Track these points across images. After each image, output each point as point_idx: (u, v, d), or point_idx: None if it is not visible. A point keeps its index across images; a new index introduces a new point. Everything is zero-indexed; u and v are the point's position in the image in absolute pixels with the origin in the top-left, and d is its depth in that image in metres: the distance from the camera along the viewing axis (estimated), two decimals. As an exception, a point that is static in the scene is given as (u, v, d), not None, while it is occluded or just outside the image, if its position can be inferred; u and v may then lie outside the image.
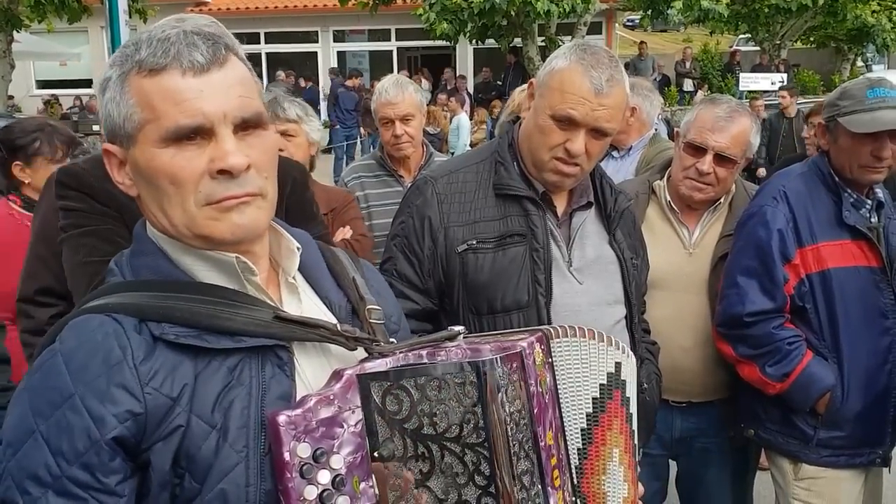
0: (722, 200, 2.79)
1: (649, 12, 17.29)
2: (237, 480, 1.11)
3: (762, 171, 9.38)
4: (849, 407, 2.53)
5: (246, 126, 1.16)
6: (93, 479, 1.06)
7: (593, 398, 1.41)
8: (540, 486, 1.18)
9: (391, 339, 1.35)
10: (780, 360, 2.52)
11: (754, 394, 2.64)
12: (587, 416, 1.40)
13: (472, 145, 12.06)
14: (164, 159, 1.13)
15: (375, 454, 1.16)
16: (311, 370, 1.23)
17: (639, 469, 1.57)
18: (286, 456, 1.08)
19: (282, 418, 1.09)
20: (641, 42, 21.71)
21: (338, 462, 1.12)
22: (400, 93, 3.49)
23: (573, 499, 1.30)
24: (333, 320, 1.29)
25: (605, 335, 1.46)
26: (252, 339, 1.16)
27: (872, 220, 2.58)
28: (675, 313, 2.69)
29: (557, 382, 1.34)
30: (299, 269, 1.31)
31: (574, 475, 1.35)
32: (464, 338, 1.29)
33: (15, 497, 1.06)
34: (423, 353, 1.23)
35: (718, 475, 2.87)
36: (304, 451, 1.10)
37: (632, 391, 1.51)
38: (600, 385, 1.42)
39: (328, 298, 1.34)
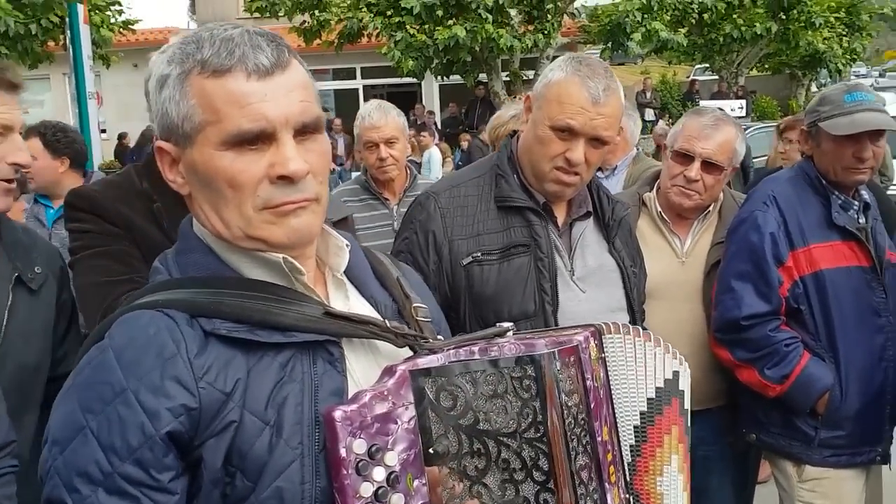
0: (711, 209, 2.83)
1: (609, 45, 17.63)
2: (293, 478, 1.08)
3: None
4: (848, 406, 2.55)
5: (305, 131, 1.15)
6: (146, 475, 1.03)
7: (648, 399, 1.41)
8: (597, 482, 1.17)
9: (439, 337, 1.33)
10: (778, 362, 2.54)
11: (754, 398, 2.66)
12: (641, 414, 1.40)
13: (443, 178, 12.16)
14: (224, 162, 1.11)
15: (430, 451, 1.14)
16: (360, 367, 1.21)
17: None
18: (342, 452, 1.06)
19: (338, 414, 1.06)
20: (608, 75, 22.11)
21: (392, 459, 1.09)
22: (383, 116, 3.51)
23: (626, 495, 1.30)
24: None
25: (661, 340, 1.47)
26: (303, 335, 1.14)
27: (860, 220, 2.63)
28: (671, 322, 2.69)
29: (610, 377, 1.33)
30: (344, 271, 1.29)
31: (626, 472, 1.34)
32: (513, 334, 1.28)
33: (63, 496, 1.02)
34: (475, 349, 1.22)
35: (720, 483, 2.87)
36: (360, 447, 1.07)
37: (689, 405, 1.51)
38: (657, 388, 1.42)
39: (374, 298, 1.33)
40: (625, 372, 1.40)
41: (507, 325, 1.30)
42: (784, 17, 20.01)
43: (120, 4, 16.09)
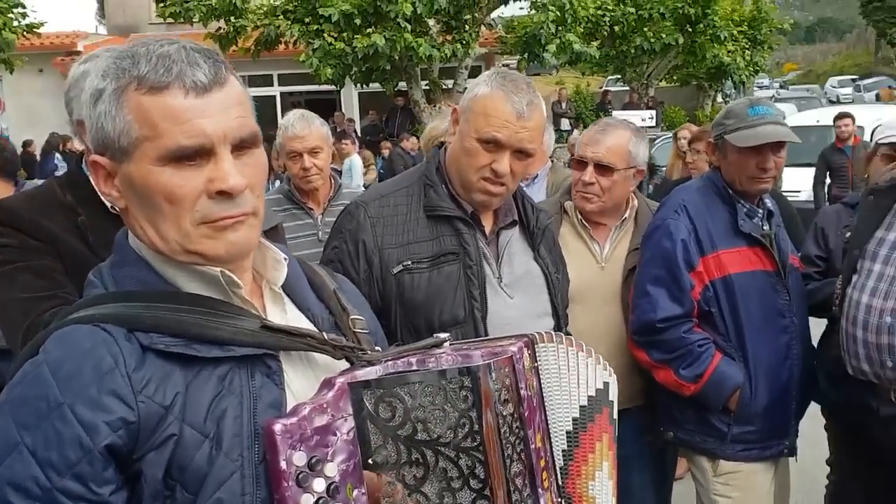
0: (627, 216, 2.95)
1: (525, 55, 17.94)
2: (233, 489, 1.10)
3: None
4: (757, 402, 2.69)
5: (242, 146, 1.16)
6: (86, 489, 1.03)
7: (581, 406, 1.46)
8: (531, 488, 1.21)
9: (376, 348, 1.36)
10: (692, 363, 2.67)
11: (670, 397, 2.77)
12: (574, 420, 1.44)
13: (364, 187, 12.10)
14: (161, 177, 1.12)
15: (369, 461, 1.17)
16: (298, 380, 1.23)
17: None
18: (282, 464, 1.08)
19: (278, 427, 1.08)
20: (525, 85, 22.49)
21: (332, 470, 1.12)
22: (307, 126, 3.51)
23: (559, 500, 1.34)
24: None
25: (592, 351, 1.53)
26: (241, 349, 1.15)
27: (765, 227, 2.79)
28: (592, 325, 2.80)
29: (543, 385, 1.38)
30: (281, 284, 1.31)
31: (559, 476, 1.39)
32: (450, 345, 1.31)
33: None
34: (412, 360, 1.24)
35: (641, 481, 2.97)
36: (300, 459, 1.09)
37: (616, 416, 1.58)
38: (589, 396, 1.48)
39: (310, 311, 1.34)
40: (558, 379, 1.45)
41: (443, 335, 1.33)
42: (691, 30, 20.79)
43: (23, 7, 15.47)
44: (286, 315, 1.30)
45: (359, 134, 19.09)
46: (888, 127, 3.50)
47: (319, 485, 1.10)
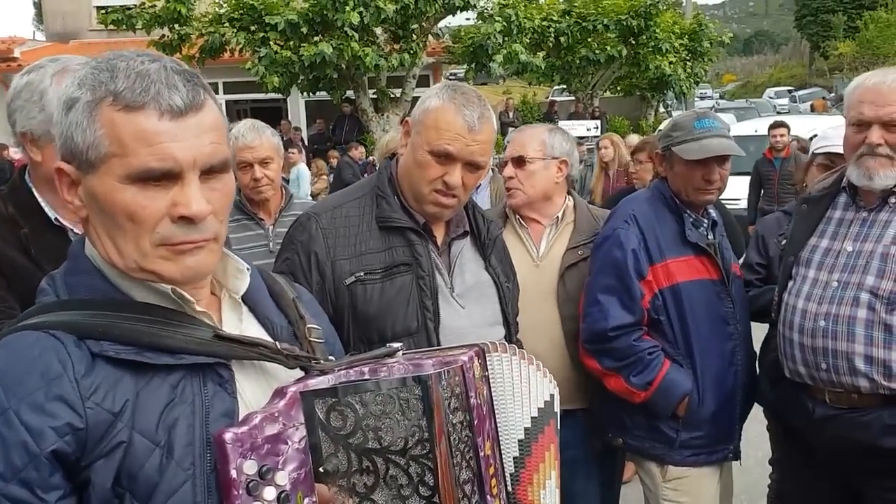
0: (562, 215, 3.04)
1: (473, 65, 18.07)
2: (184, 499, 1.10)
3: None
4: (705, 408, 2.77)
5: (212, 171, 1.16)
6: (31, 495, 1.02)
7: (532, 417, 1.50)
8: (479, 495, 1.24)
9: (330, 357, 1.36)
10: (642, 370, 2.72)
11: (620, 404, 2.82)
12: (525, 430, 1.48)
13: (313, 196, 12.02)
14: (125, 195, 1.11)
15: (320, 469, 1.18)
16: (251, 389, 1.24)
17: None
18: (233, 473, 1.09)
19: (228, 436, 1.09)
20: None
21: (283, 478, 1.13)
22: (258, 136, 3.49)
23: None
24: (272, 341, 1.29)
25: (541, 365, 1.57)
26: (192, 357, 1.15)
27: (710, 237, 2.87)
28: (528, 321, 2.83)
29: (494, 394, 1.41)
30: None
31: (509, 483, 1.41)
32: (402, 354, 1.33)
33: None
34: (365, 369, 1.26)
35: (586, 485, 3.01)
36: (251, 468, 1.10)
37: (559, 426, 1.62)
38: (538, 408, 1.52)
39: (269, 319, 1.35)
40: (511, 388, 1.48)
41: (396, 345, 1.35)
42: (634, 42, 21.20)
43: (-43, 12, 14.99)
44: (241, 325, 1.30)
45: (306, 143, 18.97)
46: (823, 137, 3.62)
47: (270, 493, 1.11)
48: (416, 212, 2.16)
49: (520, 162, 2.97)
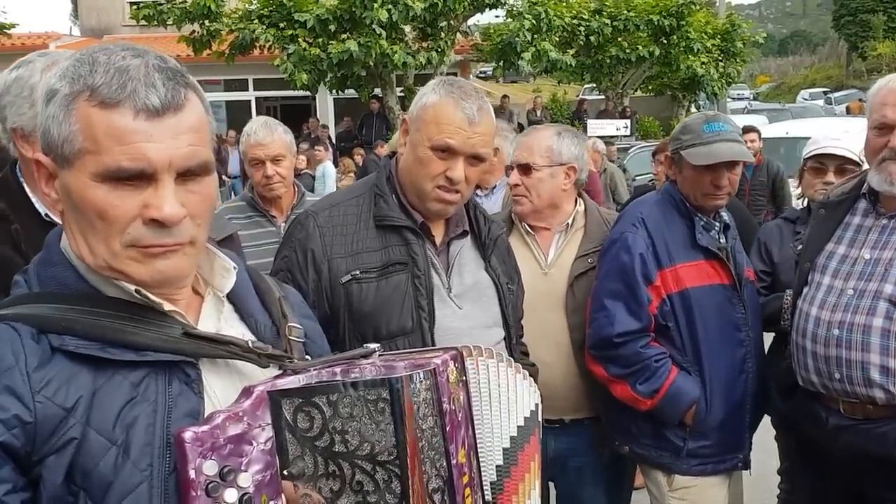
0: (572, 221, 2.96)
1: (501, 63, 18.01)
2: (140, 500, 1.07)
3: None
4: (713, 416, 2.70)
5: (189, 173, 1.13)
6: None
7: (518, 426, 1.46)
8: None
9: (306, 357, 1.34)
10: (649, 378, 2.67)
11: (626, 412, 2.77)
12: (511, 438, 1.44)
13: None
14: (97, 193, 1.09)
15: (285, 472, 1.15)
16: (221, 388, 1.21)
17: None
18: (191, 474, 1.06)
19: (188, 435, 1.06)
20: (504, 96, 22.62)
21: (246, 480, 1.10)
22: (269, 134, 3.49)
23: None
24: (253, 339, 1.28)
25: (526, 374, 1.54)
26: (157, 354, 1.13)
27: (721, 241, 2.80)
28: (536, 330, 2.79)
29: (478, 401, 1.37)
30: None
31: (488, 493, 1.37)
32: (379, 355, 1.30)
33: None
34: (338, 370, 1.23)
35: (593, 493, 2.97)
36: (211, 468, 1.07)
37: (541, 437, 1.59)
38: (525, 417, 1.48)
39: (253, 317, 1.33)
40: (497, 395, 1.44)
41: (373, 345, 1.32)
42: (665, 41, 20.99)
43: (-6, 7, 15.26)
44: (219, 323, 1.28)
45: (333, 140, 19.04)
46: (813, 142, 3.58)
47: (231, 495, 1.08)
48: (415, 210, 2.14)
49: (526, 170, 2.90)
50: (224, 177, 16.02)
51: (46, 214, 1.93)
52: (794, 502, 3.13)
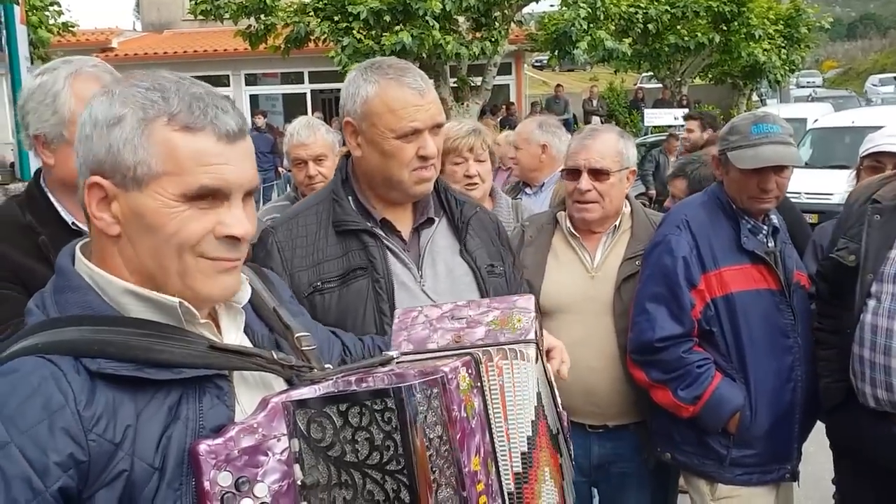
0: (619, 223, 2.89)
1: (556, 52, 17.81)
2: None
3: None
4: (758, 425, 2.62)
5: (248, 195, 1.22)
6: None
7: (531, 421, 1.42)
8: None
9: (327, 366, 1.36)
10: (691, 384, 2.60)
11: (668, 418, 2.71)
12: (528, 439, 1.41)
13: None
14: (175, 212, 1.15)
15: (301, 482, 1.16)
16: (250, 400, 1.23)
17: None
18: (206, 485, 1.08)
19: (202, 448, 1.09)
20: (558, 85, 22.40)
21: (262, 490, 1.12)
22: (312, 134, 3.52)
23: None
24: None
25: (521, 352, 1.46)
26: (191, 370, 1.15)
27: (769, 244, 2.71)
28: (583, 335, 2.75)
29: (491, 407, 1.34)
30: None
31: (507, 500, 1.35)
32: (397, 362, 1.31)
33: None
34: (353, 378, 1.24)
35: (638, 499, 2.92)
36: (225, 479, 1.09)
37: (546, 399, 1.52)
38: (535, 407, 1.43)
39: (251, 327, 1.36)
40: (512, 397, 1.41)
41: (393, 353, 1.33)
42: (726, 28, 20.48)
43: (59, 5, 15.72)
44: (240, 333, 1.32)
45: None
46: (870, 139, 3.42)
47: None
48: (378, 206, 2.08)
49: (600, 175, 2.80)
50: (280, 168, 16.22)
51: (74, 223, 1.94)
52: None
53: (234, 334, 1.30)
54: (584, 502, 3.00)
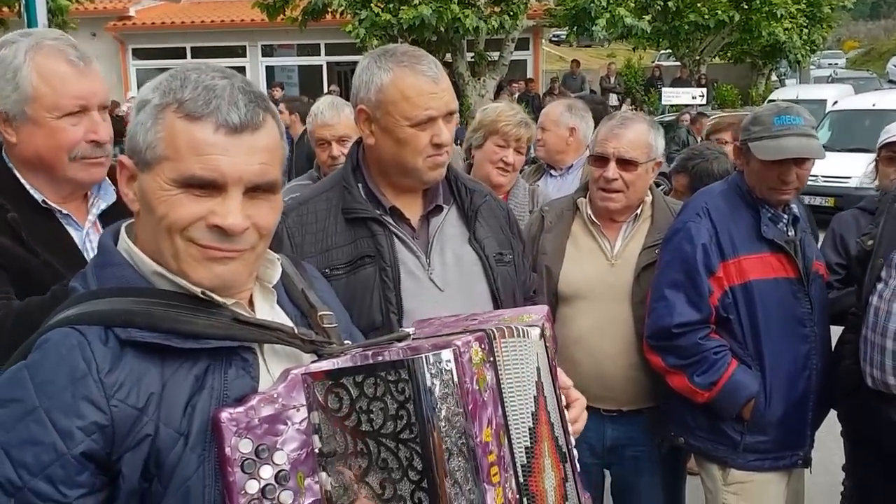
0: (640, 212, 2.91)
1: (575, 28, 17.66)
2: (196, 483, 1.16)
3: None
4: (772, 412, 2.66)
5: (257, 189, 1.23)
6: (55, 491, 1.09)
7: (534, 397, 1.43)
8: (473, 482, 1.21)
9: (346, 342, 1.42)
10: (707, 370, 2.64)
11: (683, 403, 2.75)
12: (532, 415, 1.42)
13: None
14: (169, 195, 1.19)
15: (317, 450, 1.22)
16: (279, 373, 1.28)
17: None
18: (227, 451, 1.14)
19: (224, 415, 1.14)
20: (574, 60, 22.18)
21: (281, 458, 1.17)
22: (336, 114, 3.53)
23: (517, 496, 1.31)
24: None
25: (525, 330, 1.44)
26: (216, 341, 1.21)
27: (789, 233, 2.72)
28: (600, 322, 2.79)
29: (505, 383, 1.34)
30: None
31: (520, 473, 1.37)
32: (413, 338, 1.34)
33: None
34: (369, 353, 1.28)
35: (650, 482, 2.97)
36: (246, 446, 1.15)
37: (544, 374, 1.50)
38: (535, 383, 1.43)
39: (284, 308, 1.41)
40: (518, 376, 1.39)
41: (408, 329, 1.37)
42: (747, 7, 20.22)
43: (77, -27, 15.68)
44: (273, 311, 1.37)
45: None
46: (886, 131, 3.40)
47: (266, 472, 1.15)
48: (389, 194, 2.08)
49: (628, 165, 2.80)
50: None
51: (44, 201, 1.89)
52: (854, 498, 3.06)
53: (266, 312, 1.35)
54: (597, 484, 3.06)
